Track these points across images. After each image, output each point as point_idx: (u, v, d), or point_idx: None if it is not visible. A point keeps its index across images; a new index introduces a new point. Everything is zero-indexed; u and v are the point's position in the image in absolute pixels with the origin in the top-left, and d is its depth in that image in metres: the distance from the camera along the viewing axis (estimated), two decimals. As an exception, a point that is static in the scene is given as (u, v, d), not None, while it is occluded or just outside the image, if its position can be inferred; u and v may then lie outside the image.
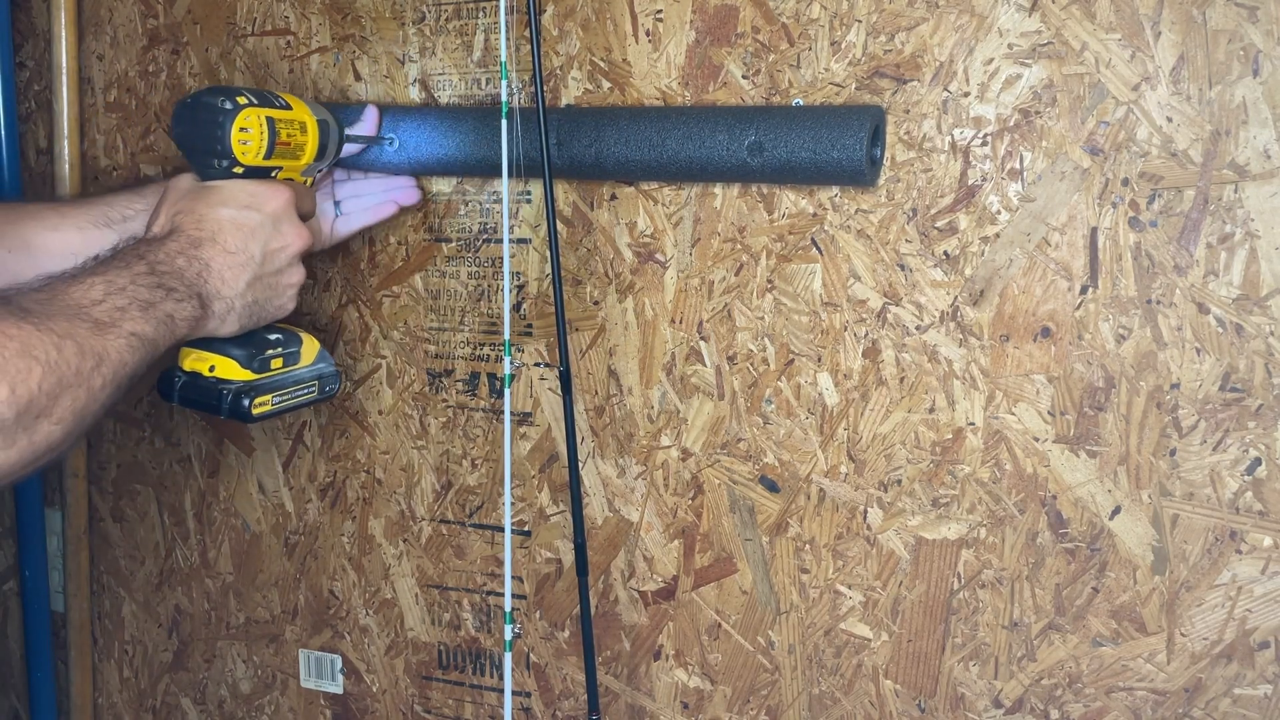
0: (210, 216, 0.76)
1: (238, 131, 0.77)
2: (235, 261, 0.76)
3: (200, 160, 0.79)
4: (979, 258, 0.81)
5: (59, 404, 0.58)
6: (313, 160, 0.85)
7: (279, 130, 0.80)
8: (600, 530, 0.96)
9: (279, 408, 0.83)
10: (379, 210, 0.94)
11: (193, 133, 0.78)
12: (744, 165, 0.81)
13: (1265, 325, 0.75)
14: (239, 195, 0.78)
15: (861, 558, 0.88)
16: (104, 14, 1.09)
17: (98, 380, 0.61)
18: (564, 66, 0.91)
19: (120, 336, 0.64)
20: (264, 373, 0.81)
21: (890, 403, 0.85)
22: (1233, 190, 0.75)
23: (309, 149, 0.84)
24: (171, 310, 0.69)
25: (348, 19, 0.98)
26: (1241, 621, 0.79)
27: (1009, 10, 0.78)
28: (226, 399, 0.79)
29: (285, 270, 0.81)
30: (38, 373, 0.56)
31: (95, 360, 0.61)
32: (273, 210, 0.79)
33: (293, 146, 0.82)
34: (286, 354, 0.84)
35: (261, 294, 0.79)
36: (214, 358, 0.79)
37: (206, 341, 0.79)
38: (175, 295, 0.70)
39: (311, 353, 0.87)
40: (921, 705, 0.88)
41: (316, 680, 1.11)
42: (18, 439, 0.56)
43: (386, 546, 1.05)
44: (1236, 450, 0.77)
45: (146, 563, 1.17)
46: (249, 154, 0.79)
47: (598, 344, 0.94)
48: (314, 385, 0.87)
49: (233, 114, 0.77)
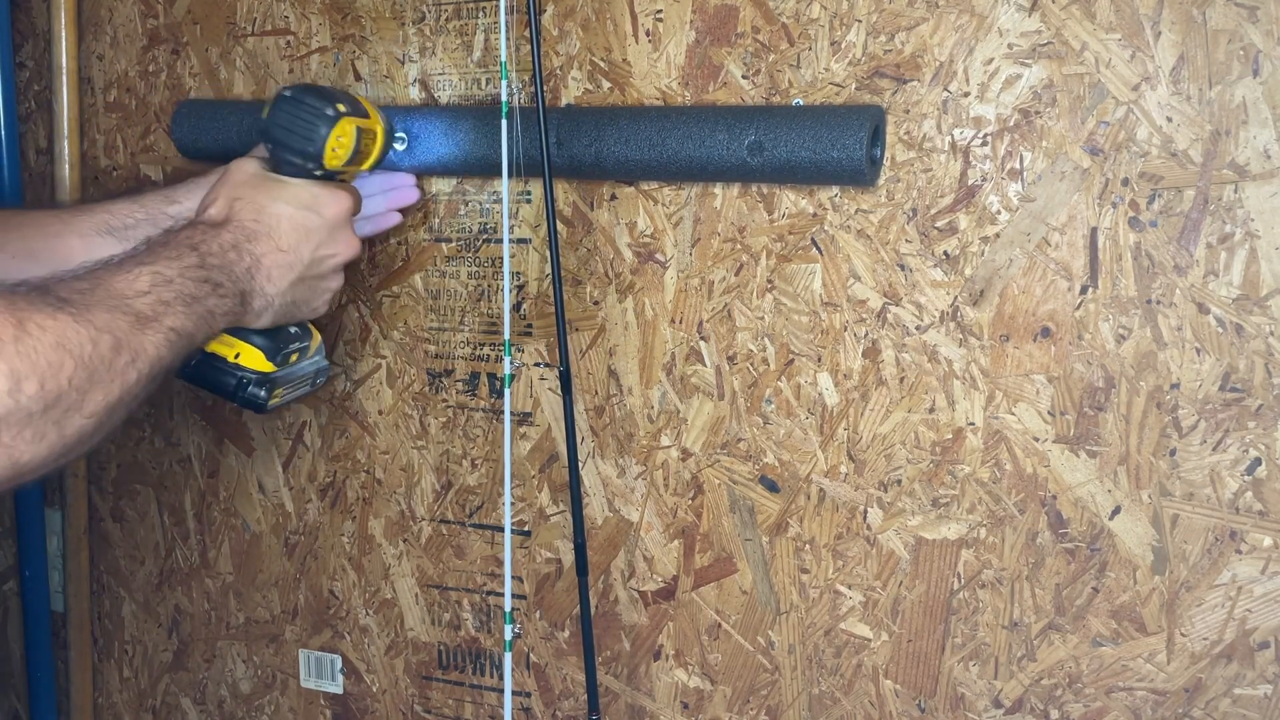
0: (270, 210, 0.76)
1: (334, 139, 0.78)
2: (285, 261, 0.76)
3: (285, 156, 0.79)
4: (979, 258, 0.81)
5: (90, 398, 0.57)
6: (372, 166, 0.86)
7: (363, 140, 0.81)
8: (600, 530, 0.96)
9: (285, 400, 0.84)
10: (382, 221, 0.93)
11: (289, 131, 0.78)
12: (744, 165, 0.81)
13: (1265, 325, 0.75)
14: (302, 195, 0.78)
15: (861, 558, 0.88)
16: (104, 14, 1.09)
17: (132, 375, 0.60)
18: (564, 66, 0.91)
19: (160, 332, 0.63)
20: (283, 366, 0.82)
21: (890, 403, 0.85)
22: (1233, 190, 0.75)
23: (374, 155, 0.85)
24: (214, 306, 0.69)
25: (348, 19, 0.98)
26: (1241, 621, 0.79)
27: (1009, 10, 0.78)
28: (246, 387, 0.79)
29: (328, 276, 0.81)
30: (69, 367, 0.55)
31: (131, 355, 0.60)
32: (332, 216, 0.79)
33: (364, 154, 0.83)
34: (300, 349, 0.85)
35: (301, 295, 0.79)
36: (241, 345, 0.79)
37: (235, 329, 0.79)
38: (220, 291, 0.70)
39: (315, 347, 0.88)
40: (921, 705, 0.88)
41: (316, 680, 1.11)
42: (47, 433, 0.55)
43: (386, 546, 1.05)
44: (1236, 450, 0.77)
45: (146, 563, 1.17)
46: (334, 161, 0.79)
47: (598, 344, 0.94)
48: (310, 379, 0.88)
49: (333, 121, 0.78)
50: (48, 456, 0.56)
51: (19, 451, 0.54)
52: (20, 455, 0.54)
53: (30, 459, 0.55)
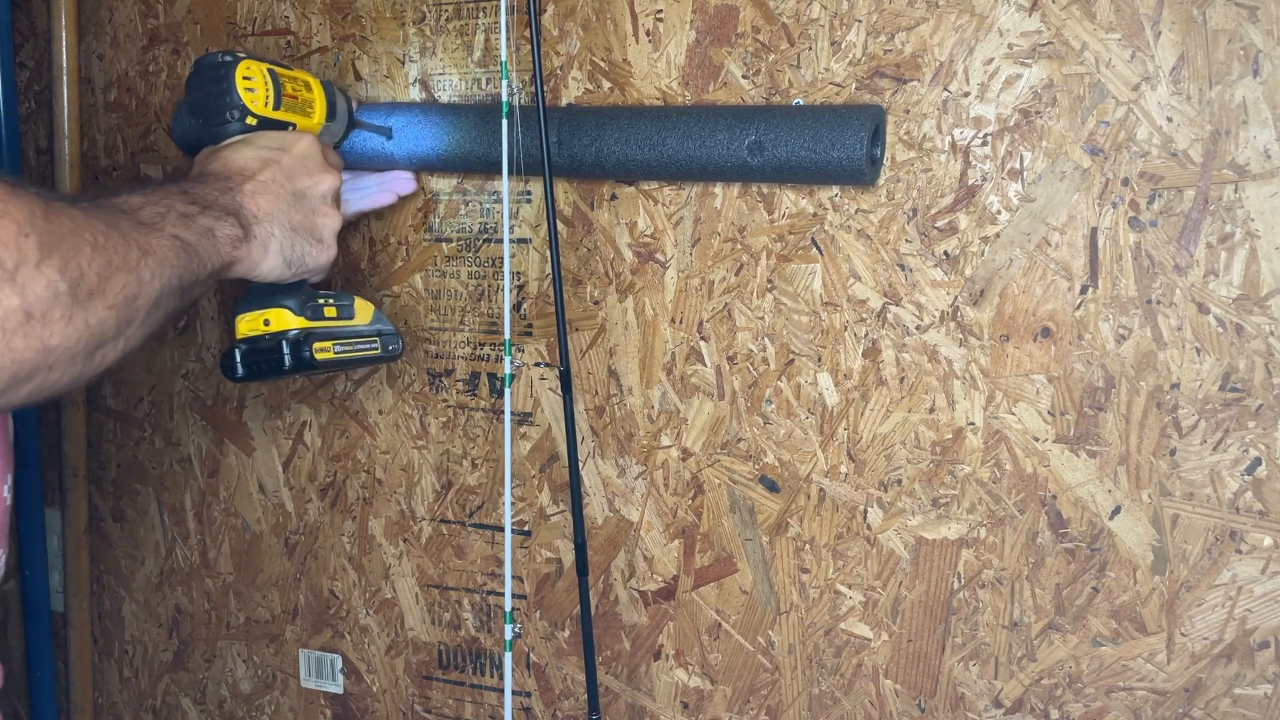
0: (236, 158, 0.77)
1: (241, 80, 0.79)
2: (267, 189, 0.76)
3: (216, 119, 0.80)
4: (979, 258, 0.81)
5: (110, 285, 0.58)
6: (324, 119, 0.86)
7: (283, 83, 0.81)
8: (600, 530, 0.96)
9: (343, 357, 0.84)
10: (376, 198, 0.94)
11: (202, 95, 0.79)
12: (744, 165, 0.81)
13: (1265, 325, 0.75)
14: (261, 139, 0.79)
15: (861, 558, 0.88)
16: (104, 14, 1.09)
17: (146, 272, 0.61)
18: (564, 66, 0.91)
19: (164, 236, 0.64)
20: (319, 320, 0.82)
21: (890, 403, 0.85)
22: (1233, 190, 0.75)
23: (318, 106, 0.85)
24: (210, 225, 0.70)
25: (348, 19, 0.98)
26: (1241, 621, 0.79)
27: (1009, 10, 0.78)
28: (287, 349, 0.80)
29: (319, 208, 0.81)
30: (86, 251, 0.57)
31: (141, 251, 0.61)
32: (299, 151, 0.80)
33: (300, 102, 0.83)
34: (340, 306, 0.85)
35: (300, 221, 0.79)
36: (266, 311, 0.81)
37: (256, 299, 0.81)
38: (212, 213, 0.71)
39: (367, 312, 0.88)
40: (921, 705, 0.88)
41: (316, 680, 1.11)
42: (74, 315, 0.56)
43: (387, 546, 1.05)
44: (1236, 450, 0.77)
45: (146, 563, 1.17)
46: (257, 102, 0.80)
47: (598, 344, 0.94)
48: (375, 341, 0.87)
49: (233, 64, 0.79)
50: (76, 343, 0.56)
51: (49, 333, 0.54)
52: (50, 338, 0.55)
53: (60, 342, 0.55)
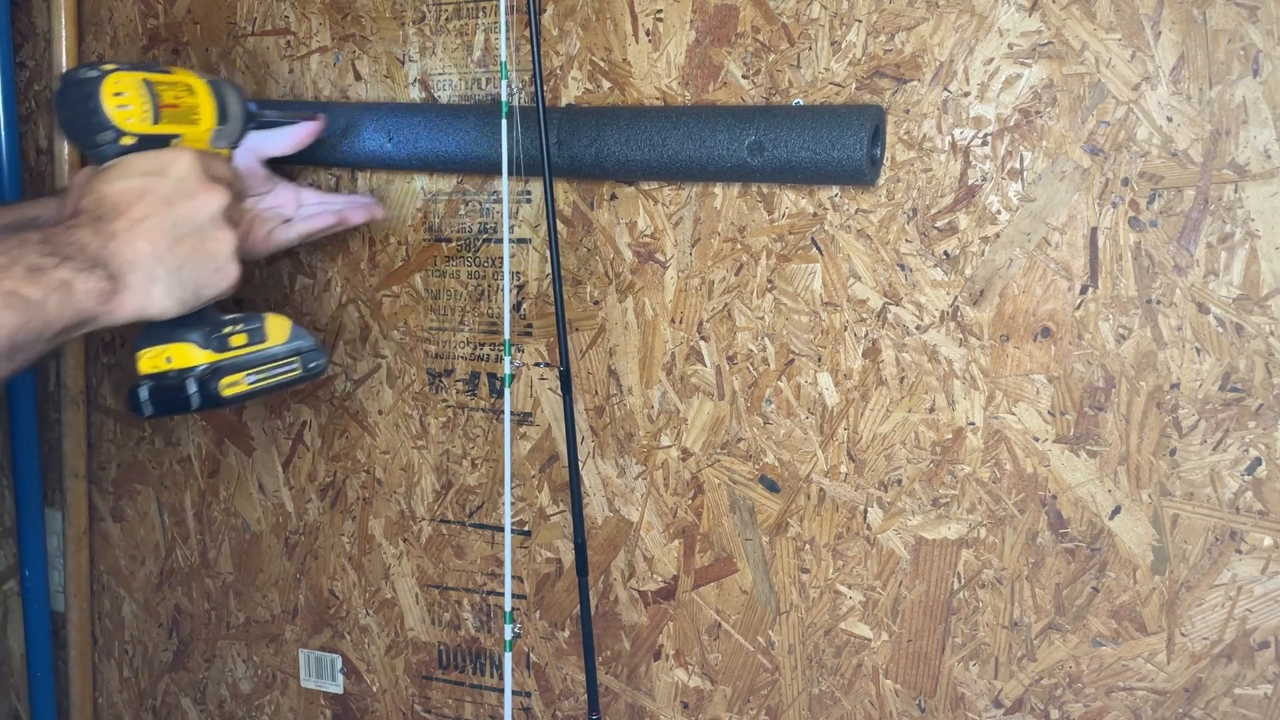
0: (111, 190, 0.71)
1: (111, 96, 0.71)
2: (144, 227, 0.70)
3: (88, 142, 0.72)
4: (979, 258, 0.81)
5: None
6: (214, 124, 0.78)
7: (160, 92, 0.73)
8: (600, 530, 0.96)
9: (256, 387, 0.78)
10: (315, 221, 0.90)
11: (70, 116, 0.72)
12: (744, 165, 0.81)
13: (1265, 325, 0.75)
14: (137, 164, 0.73)
15: (861, 558, 0.88)
16: (104, 14, 1.09)
17: None
18: (564, 66, 0.91)
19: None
20: (226, 351, 0.76)
21: (890, 403, 0.85)
22: (1233, 190, 0.75)
23: (205, 111, 0.77)
24: (68, 278, 0.65)
25: (348, 19, 0.98)
26: (1241, 621, 0.79)
27: (1009, 10, 0.78)
28: (194, 388, 0.74)
29: (208, 232, 0.74)
30: None
31: None
32: (177, 172, 0.73)
33: (183, 109, 0.75)
34: (250, 330, 0.78)
35: (187, 257, 0.73)
36: (168, 348, 0.74)
37: (156, 334, 0.75)
38: (73, 264, 0.65)
39: (282, 329, 0.81)
40: (921, 705, 0.88)
41: (316, 680, 1.11)
42: None
43: (386, 546, 1.05)
44: (1236, 450, 0.77)
45: (146, 563, 1.17)
46: (133, 119, 0.72)
47: (598, 344, 0.94)
48: (295, 361, 0.81)
49: (98, 80, 0.71)
50: None
51: None
52: None
53: None
